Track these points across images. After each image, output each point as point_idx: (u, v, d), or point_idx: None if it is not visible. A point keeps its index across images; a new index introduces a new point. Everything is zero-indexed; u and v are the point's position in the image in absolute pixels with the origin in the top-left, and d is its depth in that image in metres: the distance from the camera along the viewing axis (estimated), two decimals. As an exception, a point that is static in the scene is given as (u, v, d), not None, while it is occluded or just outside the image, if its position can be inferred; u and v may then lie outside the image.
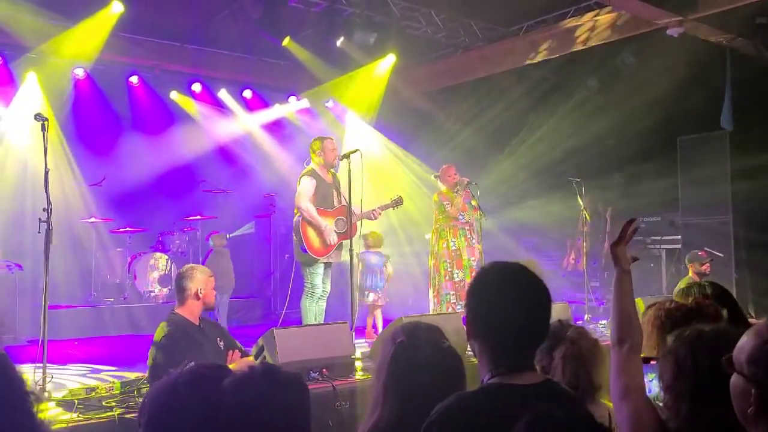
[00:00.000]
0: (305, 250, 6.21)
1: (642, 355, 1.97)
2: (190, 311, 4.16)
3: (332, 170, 6.52)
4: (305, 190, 6.24)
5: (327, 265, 6.42)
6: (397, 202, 6.76)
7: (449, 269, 7.27)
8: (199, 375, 1.58)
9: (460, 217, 7.36)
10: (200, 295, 4.15)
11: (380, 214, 6.67)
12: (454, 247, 7.29)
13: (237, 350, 4.28)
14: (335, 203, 6.41)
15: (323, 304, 6.48)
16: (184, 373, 1.64)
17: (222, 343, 4.30)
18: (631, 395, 1.90)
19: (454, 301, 7.20)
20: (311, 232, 6.23)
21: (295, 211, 6.33)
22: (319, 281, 6.30)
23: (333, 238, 6.23)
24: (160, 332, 4.07)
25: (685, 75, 8.42)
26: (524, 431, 1.35)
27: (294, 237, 6.36)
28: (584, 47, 8.70)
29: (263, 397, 1.55)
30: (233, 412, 1.49)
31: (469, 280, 7.03)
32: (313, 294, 6.29)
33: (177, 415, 1.50)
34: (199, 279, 4.18)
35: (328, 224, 6.24)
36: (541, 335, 1.85)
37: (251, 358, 4.33)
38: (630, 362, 1.96)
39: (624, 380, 1.93)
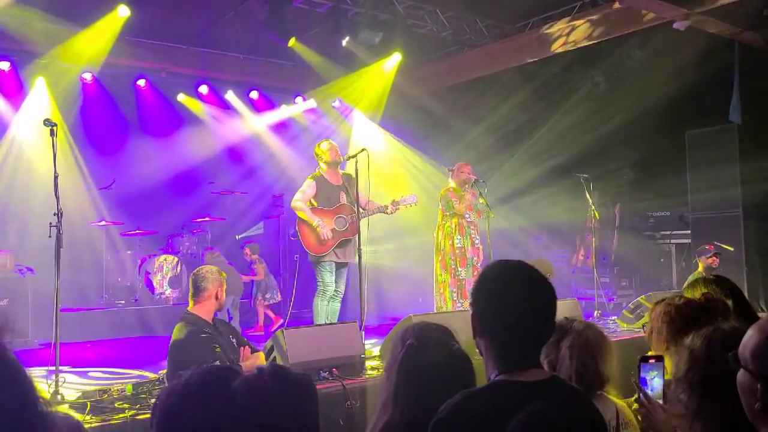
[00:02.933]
0: (307, 252, 6.29)
1: (648, 353, 1.96)
2: (206, 311, 4.29)
3: (341, 170, 6.55)
4: (304, 191, 6.38)
5: (339, 265, 6.43)
6: (410, 200, 6.70)
7: (454, 267, 7.29)
8: (209, 376, 1.59)
9: (467, 215, 7.36)
10: (218, 297, 4.29)
11: (396, 209, 6.59)
12: (459, 245, 7.30)
13: (247, 347, 4.36)
14: (342, 202, 6.44)
15: (337, 305, 6.49)
16: (195, 374, 1.66)
17: (234, 340, 4.40)
18: None
19: (455, 298, 7.22)
20: (307, 231, 6.30)
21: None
22: (329, 279, 6.32)
23: (327, 234, 6.26)
24: (179, 332, 4.17)
25: (692, 69, 8.37)
26: (519, 430, 1.35)
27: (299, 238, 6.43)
28: (591, 43, 8.66)
29: (272, 398, 1.56)
30: (243, 413, 1.51)
31: (471, 279, 7.10)
32: (324, 293, 6.31)
33: (188, 416, 1.51)
34: (218, 280, 4.32)
35: (323, 221, 6.27)
36: (547, 333, 1.86)
37: (261, 354, 4.39)
38: None
39: None
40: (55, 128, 4.27)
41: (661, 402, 2.12)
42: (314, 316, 6.35)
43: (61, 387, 4.05)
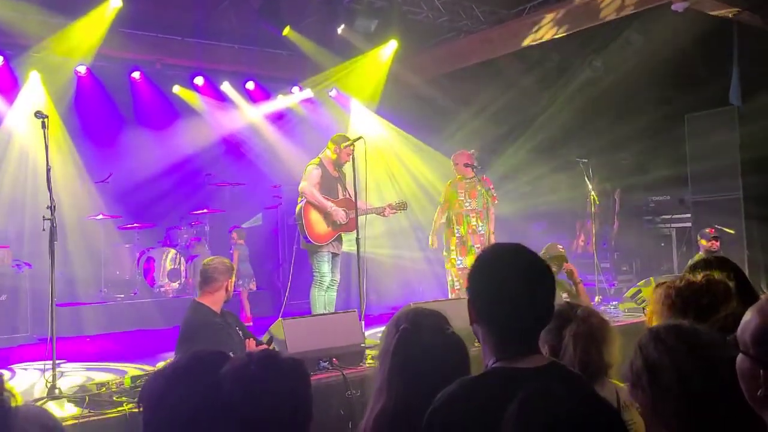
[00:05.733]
0: (308, 239, 6.23)
1: None
2: (215, 301, 4.31)
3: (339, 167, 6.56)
4: (311, 176, 6.32)
5: (334, 255, 6.43)
6: (402, 206, 6.73)
7: (455, 257, 7.32)
8: (197, 360, 1.57)
9: (467, 203, 7.40)
10: (228, 288, 4.34)
11: (392, 213, 6.68)
12: (458, 234, 7.36)
13: (252, 339, 4.35)
14: (339, 196, 6.44)
15: (333, 294, 6.49)
16: (184, 358, 1.64)
17: (240, 332, 4.43)
18: None
19: (459, 287, 7.26)
20: (315, 217, 6.25)
21: (299, 198, 6.36)
22: (327, 269, 6.31)
23: (342, 217, 6.24)
24: (191, 321, 4.21)
25: (691, 51, 8.30)
26: (517, 410, 1.30)
27: (298, 226, 6.39)
28: (588, 26, 8.57)
29: (261, 385, 1.53)
30: (231, 399, 1.48)
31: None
32: (322, 283, 6.30)
33: (175, 399, 1.49)
34: (229, 272, 4.38)
35: (334, 205, 6.26)
36: (545, 317, 1.81)
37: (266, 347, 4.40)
38: None
39: None
40: (46, 120, 4.22)
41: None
42: (312, 306, 6.33)
43: (58, 381, 4.03)
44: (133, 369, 5.36)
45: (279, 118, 10.80)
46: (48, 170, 4.15)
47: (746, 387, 1.41)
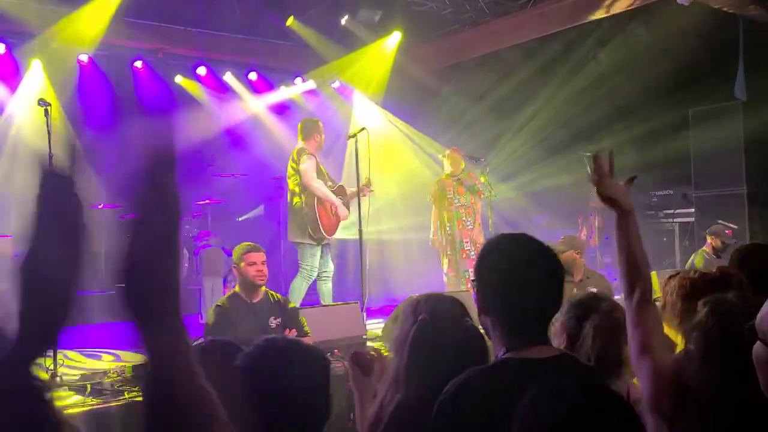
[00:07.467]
0: (322, 234, 6.18)
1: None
2: (241, 288, 4.43)
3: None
4: (311, 169, 6.19)
5: (325, 245, 6.38)
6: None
7: (450, 253, 7.48)
8: (201, 351, 1.54)
9: (455, 200, 7.46)
10: (243, 273, 4.40)
11: (370, 192, 6.37)
12: (449, 231, 7.43)
13: (294, 330, 4.34)
14: (328, 183, 6.40)
15: (329, 285, 6.46)
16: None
17: (276, 320, 4.37)
18: (649, 351, 1.84)
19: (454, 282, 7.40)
20: (324, 210, 6.22)
21: (295, 190, 6.26)
22: (317, 262, 6.27)
23: (345, 213, 6.24)
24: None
25: (696, 45, 8.25)
26: (528, 404, 1.28)
27: (294, 220, 6.29)
28: (593, 18, 8.53)
29: (277, 376, 1.49)
30: (243, 386, 1.45)
31: (461, 260, 7.29)
32: (311, 277, 6.24)
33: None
34: (234, 258, 4.48)
35: (340, 201, 6.26)
36: (554, 306, 1.79)
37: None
38: (643, 313, 1.88)
39: (640, 334, 1.87)
40: (49, 108, 4.21)
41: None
42: (290, 294, 6.14)
43: (59, 370, 4.02)
44: (134, 358, 5.34)
45: (281, 110, 10.76)
46: (50, 158, 4.12)
47: (762, 374, 1.42)
